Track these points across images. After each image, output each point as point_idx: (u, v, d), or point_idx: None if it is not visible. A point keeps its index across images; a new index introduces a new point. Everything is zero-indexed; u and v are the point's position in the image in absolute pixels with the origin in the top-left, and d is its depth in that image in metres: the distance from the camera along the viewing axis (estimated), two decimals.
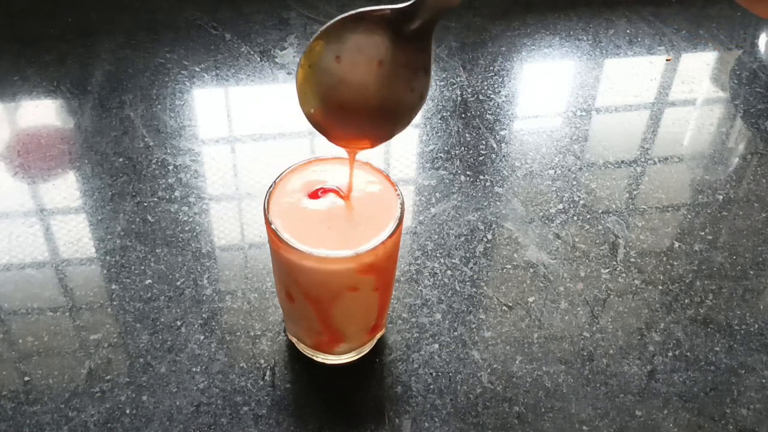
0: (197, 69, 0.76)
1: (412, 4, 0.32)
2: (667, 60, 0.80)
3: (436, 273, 0.58)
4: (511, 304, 0.56)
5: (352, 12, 0.33)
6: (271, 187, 0.45)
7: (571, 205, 0.64)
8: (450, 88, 0.75)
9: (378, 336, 0.53)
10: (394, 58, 0.34)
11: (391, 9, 0.32)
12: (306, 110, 0.37)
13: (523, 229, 0.62)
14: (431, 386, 0.51)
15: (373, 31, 0.33)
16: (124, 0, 0.84)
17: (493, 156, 0.68)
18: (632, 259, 0.60)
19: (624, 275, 0.59)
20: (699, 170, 0.69)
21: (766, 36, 0.85)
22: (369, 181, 0.46)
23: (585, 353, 0.54)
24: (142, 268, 0.57)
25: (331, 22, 0.33)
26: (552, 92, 0.77)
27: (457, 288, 0.57)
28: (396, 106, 0.36)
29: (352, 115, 0.37)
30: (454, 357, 0.53)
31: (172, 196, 0.63)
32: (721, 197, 0.66)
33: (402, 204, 0.45)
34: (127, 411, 0.49)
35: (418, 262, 0.59)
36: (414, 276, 0.58)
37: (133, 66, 0.76)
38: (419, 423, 0.49)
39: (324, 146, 0.44)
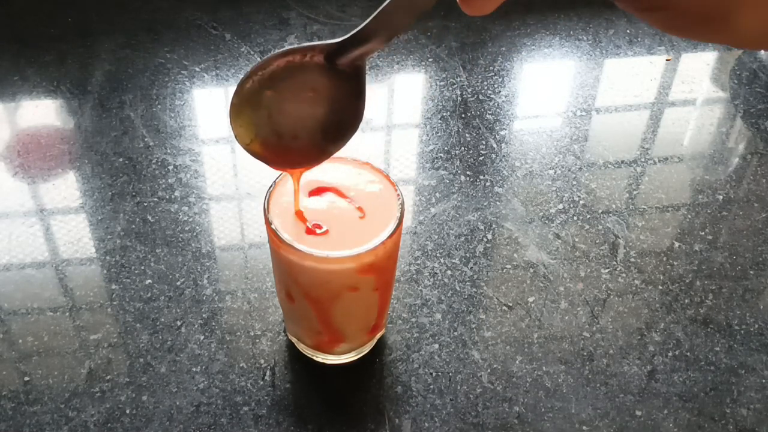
0: (197, 69, 0.76)
1: (339, 42, 0.33)
2: (667, 60, 0.80)
3: (436, 273, 0.58)
4: (511, 304, 0.56)
5: (281, 50, 0.34)
6: (271, 187, 0.45)
7: (571, 205, 0.64)
8: (450, 88, 0.75)
9: (378, 336, 0.53)
10: (326, 86, 0.35)
11: (320, 44, 0.34)
12: (242, 143, 0.38)
13: (523, 229, 0.62)
14: (431, 386, 0.51)
15: (304, 63, 0.34)
16: (124, 0, 0.84)
17: (493, 156, 0.68)
18: (632, 259, 0.60)
19: (624, 275, 0.59)
20: (699, 170, 0.69)
21: None
22: (369, 181, 0.46)
23: (585, 353, 0.53)
24: (142, 268, 0.57)
25: (261, 60, 0.35)
26: (552, 92, 0.77)
27: (457, 288, 0.57)
28: (331, 129, 0.37)
29: (287, 143, 0.38)
30: (454, 357, 0.53)
31: (172, 196, 0.63)
32: (721, 197, 0.66)
33: (402, 204, 0.45)
34: (127, 411, 0.49)
35: (418, 262, 0.59)
36: (414, 276, 0.58)
37: (133, 66, 0.76)
38: (419, 423, 0.49)
39: None
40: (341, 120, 0.37)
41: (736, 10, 0.24)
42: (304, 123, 0.37)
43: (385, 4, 0.31)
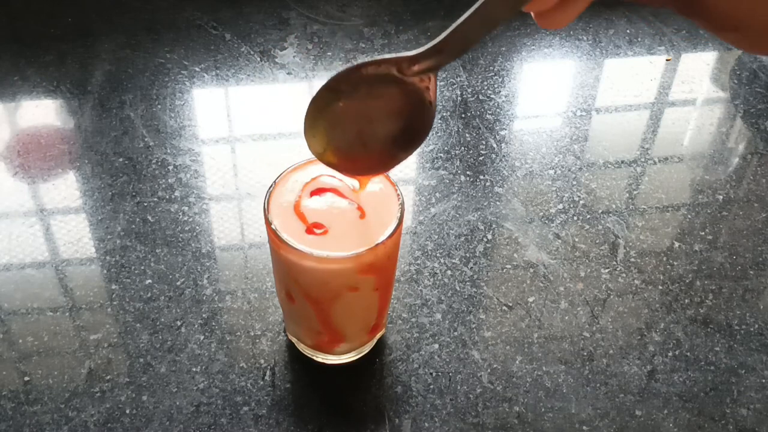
0: (197, 69, 0.76)
1: (413, 55, 0.34)
2: (667, 60, 0.80)
3: (436, 273, 0.58)
4: (511, 304, 0.56)
5: (355, 63, 0.35)
6: (271, 187, 0.45)
7: (571, 205, 0.64)
8: (450, 88, 0.75)
9: (378, 336, 0.53)
10: (398, 95, 0.36)
11: (393, 57, 0.34)
12: (315, 153, 0.39)
13: (523, 229, 0.62)
14: (431, 386, 0.51)
15: (376, 75, 0.35)
16: (124, 0, 0.83)
17: (493, 156, 0.68)
18: (632, 259, 0.60)
19: (624, 275, 0.59)
20: (699, 170, 0.69)
21: None
22: (369, 181, 0.46)
23: (585, 353, 0.54)
24: (142, 268, 0.57)
25: (334, 74, 0.35)
26: (552, 92, 0.77)
27: (457, 288, 0.57)
28: (402, 136, 0.38)
29: (359, 151, 0.39)
30: (454, 357, 0.53)
31: (172, 196, 0.63)
32: (721, 197, 0.66)
33: (402, 204, 0.45)
34: (127, 411, 0.49)
35: (418, 262, 0.59)
36: (414, 276, 0.58)
37: (133, 66, 0.76)
38: (419, 423, 0.49)
39: None
40: (412, 127, 0.37)
41: None
42: (375, 132, 0.38)
43: (462, 19, 0.31)
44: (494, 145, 0.69)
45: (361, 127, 0.38)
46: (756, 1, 0.24)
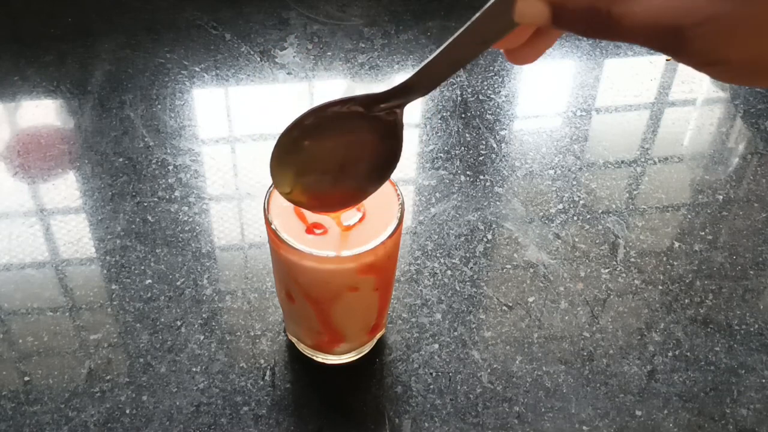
0: (197, 69, 0.76)
1: (379, 94, 0.34)
2: (667, 60, 0.80)
3: (436, 273, 0.58)
4: (511, 304, 0.56)
5: (320, 104, 0.35)
6: (271, 187, 0.45)
7: (571, 205, 0.64)
8: (450, 88, 0.75)
9: (378, 336, 0.53)
10: (364, 132, 0.36)
11: (359, 97, 0.35)
12: (283, 192, 0.39)
13: (523, 229, 0.62)
14: (431, 386, 0.51)
15: (340, 112, 0.35)
16: (124, 0, 0.84)
17: (493, 156, 0.68)
18: (632, 259, 0.60)
19: (624, 275, 0.59)
20: (699, 170, 0.69)
21: None
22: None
23: (585, 353, 0.54)
24: (142, 268, 0.57)
25: (300, 114, 0.36)
26: (552, 92, 0.77)
27: (457, 288, 0.57)
28: (370, 171, 0.38)
29: (327, 188, 0.39)
30: (454, 357, 0.53)
31: (172, 196, 0.63)
32: (721, 197, 0.66)
33: (402, 204, 0.45)
34: (127, 411, 0.49)
35: (418, 262, 0.59)
36: (414, 276, 0.58)
37: (133, 66, 0.76)
38: (419, 423, 0.49)
39: None
40: (380, 160, 0.38)
41: None
42: (343, 168, 0.38)
43: (430, 58, 0.31)
44: (494, 145, 0.69)
45: (328, 165, 0.38)
46: (738, 40, 0.25)
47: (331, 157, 0.38)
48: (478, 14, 0.29)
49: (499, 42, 0.30)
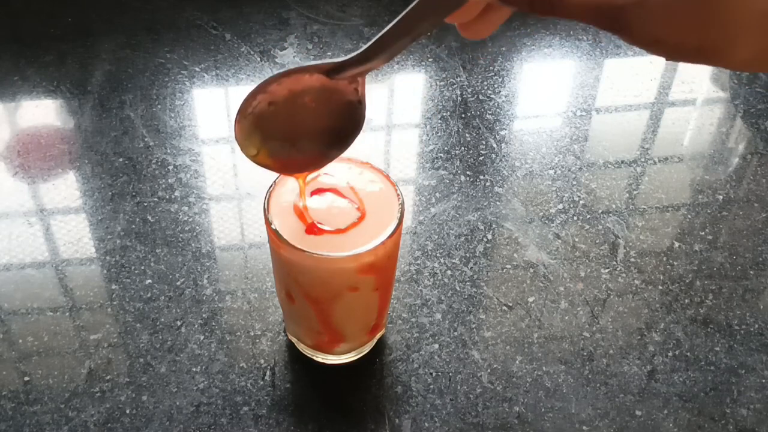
0: (197, 69, 0.76)
1: (339, 62, 0.35)
2: (667, 60, 0.80)
3: (436, 273, 0.58)
4: (511, 304, 0.56)
5: (282, 71, 0.36)
6: (271, 187, 0.45)
7: (571, 205, 0.64)
8: (450, 88, 0.75)
9: (378, 336, 0.53)
10: (326, 98, 0.37)
11: (320, 64, 0.36)
12: (249, 155, 0.40)
13: (523, 229, 0.62)
14: (431, 386, 0.51)
15: (302, 77, 0.36)
16: (124, 0, 0.84)
17: (493, 156, 0.68)
18: (632, 259, 0.60)
19: (624, 275, 0.59)
20: (699, 170, 0.69)
21: None
22: (369, 181, 0.46)
23: (585, 353, 0.54)
24: (142, 268, 0.57)
25: (262, 81, 0.37)
26: (552, 92, 0.77)
27: (457, 288, 0.57)
28: (332, 136, 0.39)
29: (291, 152, 0.40)
30: (454, 357, 0.53)
31: (172, 196, 0.63)
32: (721, 197, 0.66)
33: (402, 204, 0.45)
34: (127, 411, 0.49)
35: (418, 262, 0.59)
36: (414, 276, 0.58)
37: (133, 66, 0.76)
38: (419, 423, 0.49)
39: None
40: (342, 126, 0.39)
41: (730, 44, 0.26)
42: (306, 133, 0.39)
43: (386, 29, 0.32)
44: (494, 145, 0.69)
45: (291, 128, 0.39)
46: (671, 22, 0.26)
47: (295, 123, 0.39)
48: None
49: (451, 16, 0.31)
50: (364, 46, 0.34)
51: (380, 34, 0.33)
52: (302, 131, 0.39)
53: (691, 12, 0.25)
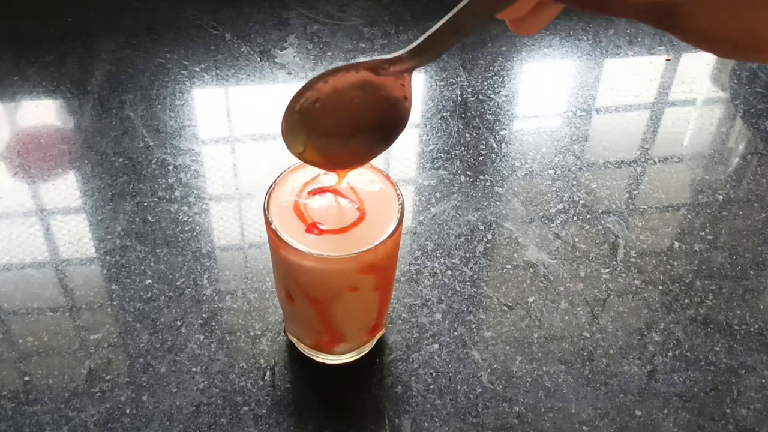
0: (197, 69, 0.76)
1: (387, 59, 0.35)
2: (667, 60, 0.80)
3: (436, 273, 0.58)
4: (511, 304, 0.56)
5: (329, 68, 0.37)
6: (271, 187, 0.45)
7: (571, 205, 0.64)
8: (450, 88, 0.75)
9: (378, 336, 0.53)
10: (373, 94, 0.37)
11: (368, 62, 0.36)
12: (295, 152, 0.40)
13: (523, 229, 0.62)
14: (431, 386, 0.51)
15: (348, 74, 0.36)
16: (124, 0, 0.84)
17: (493, 156, 0.68)
18: (632, 259, 0.60)
19: (624, 275, 0.59)
20: (699, 170, 0.69)
21: None
22: (369, 181, 0.46)
23: (585, 353, 0.54)
24: (142, 268, 0.57)
25: (310, 79, 0.37)
26: (552, 92, 0.77)
27: (457, 288, 0.57)
28: (379, 131, 0.39)
29: (337, 148, 0.40)
30: (454, 357, 0.53)
31: (172, 196, 0.63)
32: (721, 197, 0.66)
33: (402, 204, 0.45)
34: (127, 411, 0.49)
35: (418, 262, 0.59)
36: (414, 276, 0.58)
37: (133, 66, 0.76)
38: (419, 423, 0.49)
39: None
40: (389, 121, 0.39)
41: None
42: (352, 129, 0.39)
43: (438, 25, 0.32)
44: (494, 145, 0.69)
45: (337, 125, 0.39)
46: (731, 18, 0.26)
47: (342, 120, 0.39)
48: None
49: (502, 13, 0.31)
50: (415, 43, 0.34)
51: (431, 31, 0.33)
52: (348, 127, 0.39)
53: (745, 7, 0.26)
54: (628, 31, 0.84)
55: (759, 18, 0.26)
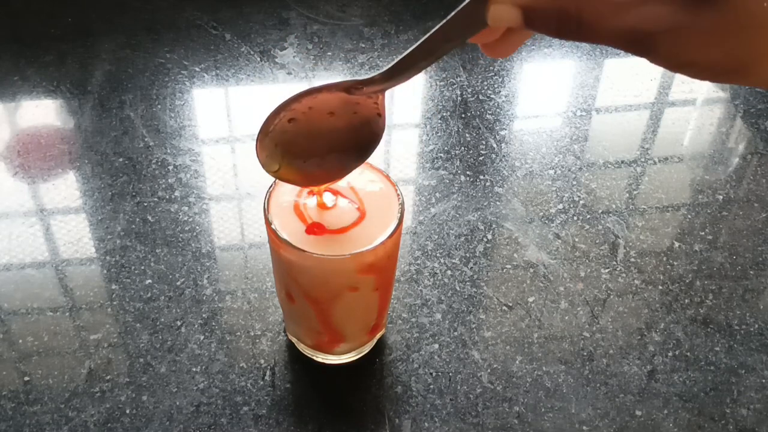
0: (197, 69, 0.76)
1: (360, 81, 0.36)
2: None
3: (436, 273, 0.58)
4: (511, 304, 0.56)
5: (303, 90, 0.37)
6: (271, 187, 0.45)
7: (571, 205, 0.64)
8: (450, 88, 0.75)
9: (378, 336, 0.53)
10: (345, 109, 0.38)
11: (341, 83, 0.36)
12: (270, 170, 0.40)
13: (523, 229, 0.62)
14: (431, 386, 0.51)
15: (321, 94, 0.37)
16: (124, 0, 0.84)
17: (493, 156, 0.68)
18: (632, 259, 0.60)
19: (624, 275, 0.59)
20: (699, 170, 0.69)
21: None
22: (369, 181, 0.46)
23: (585, 353, 0.54)
24: (142, 268, 0.57)
25: (284, 100, 0.37)
26: (552, 92, 0.77)
27: (457, 288, 0.57)
28: (352, 148, 0.40)
29: (311, 166, 0.41)
30: (454, 357, 0.53)
31: (172, 196, 0.63)
32: (721, 197, 0.66)
33: (402, 204, 0.45)
34: (127, 411, 0.49)
35: (418, 262, 0.59)
36: (414, 276, 0.58)
37: (133, 66, 0.76)
38: (419, 423, 0.49)
39: None
40: (361, 139, 0.39)
41: (757, 63, 0.27)
42: (326, 147, 0.40)
43: (411, 49, 0.33)
44: (494, 145, 0.69)
45: (312, 143, 0.40)
46: (698, 47, 0.27)
47: (316, 138, 0.39)
48: (452, 14, 0.30)
49: (474, 37, 0.32)
50: (388, 66, 0.34)
51: (404, 54, 0.33)
52: (322, 145, 0.40)
53: (722, 37, 0.26)
54: None
55: (744, 44, 0.26)
